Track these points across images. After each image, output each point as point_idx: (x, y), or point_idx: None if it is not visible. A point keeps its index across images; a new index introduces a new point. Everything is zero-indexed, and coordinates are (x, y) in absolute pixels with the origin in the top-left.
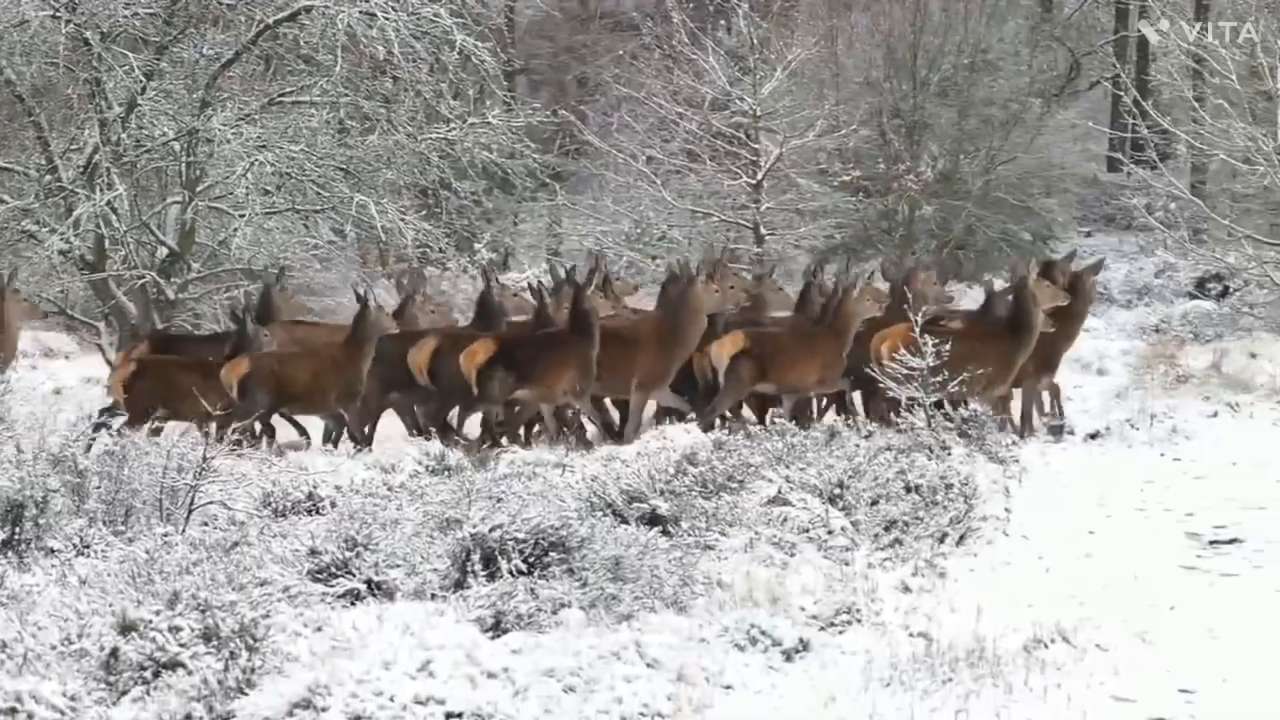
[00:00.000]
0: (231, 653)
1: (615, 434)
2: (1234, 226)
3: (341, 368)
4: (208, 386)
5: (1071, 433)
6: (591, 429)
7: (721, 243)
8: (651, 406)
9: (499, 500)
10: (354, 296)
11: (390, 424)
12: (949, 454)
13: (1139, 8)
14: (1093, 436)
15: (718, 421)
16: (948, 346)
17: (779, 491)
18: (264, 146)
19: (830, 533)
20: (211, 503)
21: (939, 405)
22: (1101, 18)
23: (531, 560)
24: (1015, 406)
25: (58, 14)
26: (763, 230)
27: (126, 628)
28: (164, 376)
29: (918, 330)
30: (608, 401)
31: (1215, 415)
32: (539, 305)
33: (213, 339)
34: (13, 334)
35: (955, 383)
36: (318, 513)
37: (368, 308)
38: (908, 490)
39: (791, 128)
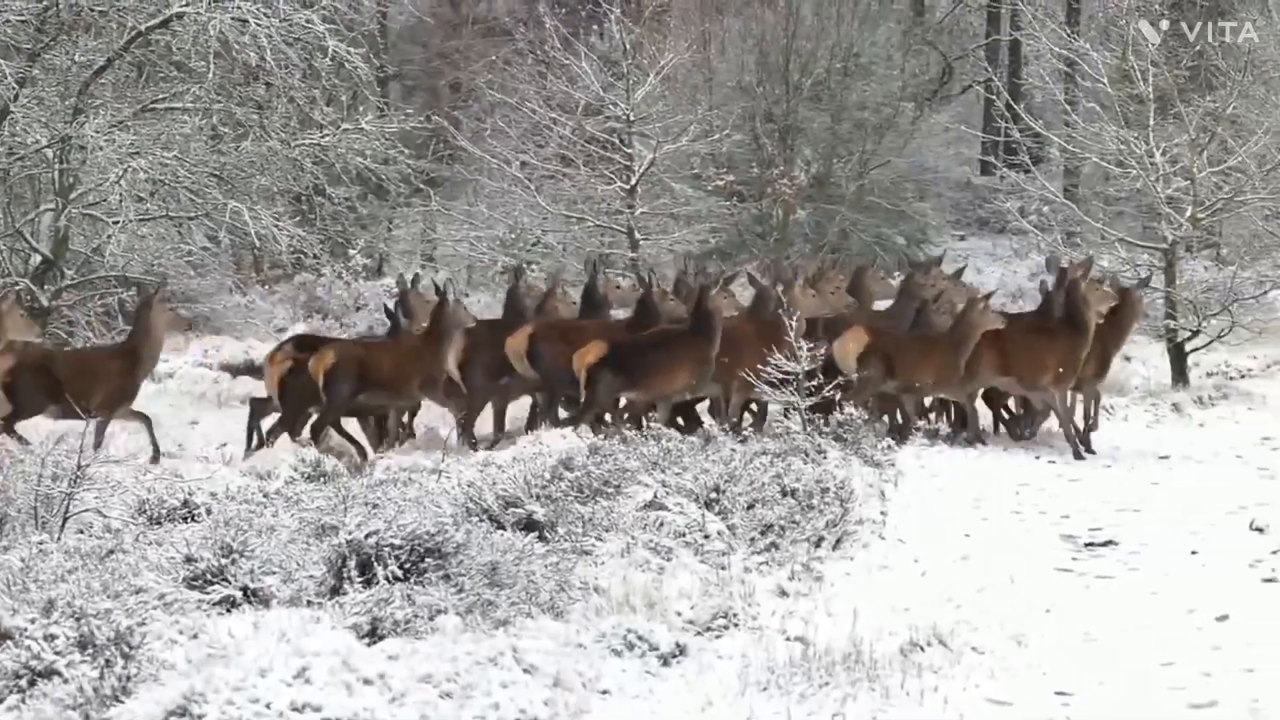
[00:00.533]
0: (107, 661)
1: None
2: (1107, 229)
3: (422, 358)
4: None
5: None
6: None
7: (825, 256)
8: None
9: (375, 506)
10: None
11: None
12: (825, 458)
13: (1009, 11)
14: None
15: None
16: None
17: (655, 496)
18: (137, 153)
19: (707, 537)
20: (87, 510)
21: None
22: (974, 22)
23: (408, 566)
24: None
25: None
26: (637, 235)
27: (1, 636)
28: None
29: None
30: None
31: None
32: (644, 300)
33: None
34: (156, 343)
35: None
36: (193, 520)
37: (446, 301)
38: (784, 494)
39: (665, 132)
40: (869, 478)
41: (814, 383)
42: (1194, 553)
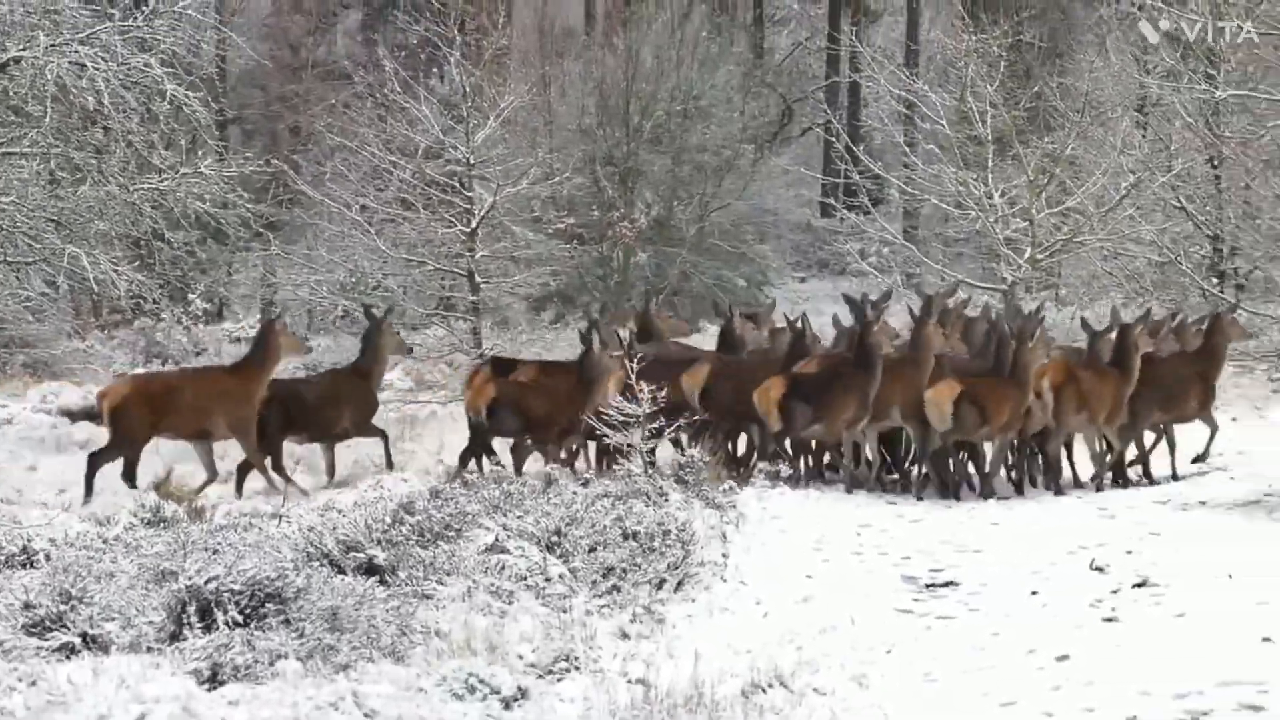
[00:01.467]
0: None
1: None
2: (946, 271)
3: (572, 403)
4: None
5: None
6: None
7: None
8: None
9: (215, 552)
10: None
11: None
12: (667, 500)
13: (848, 53)
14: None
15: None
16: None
17: (496, 539)
18: None
19: (548, 580)
20: None
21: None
22: (813, 64)
23: (248, 611)
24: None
25: None
26: (478, 278)
27: None
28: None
29: None
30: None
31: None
32: (795, 339)
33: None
34: (273, 365)
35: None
36: (32, 566)
37: (591, 349)
38: (625, 537)
39: (505, 175)
40: (711, 520)
41: (655, 425)
42: (1034, 593)
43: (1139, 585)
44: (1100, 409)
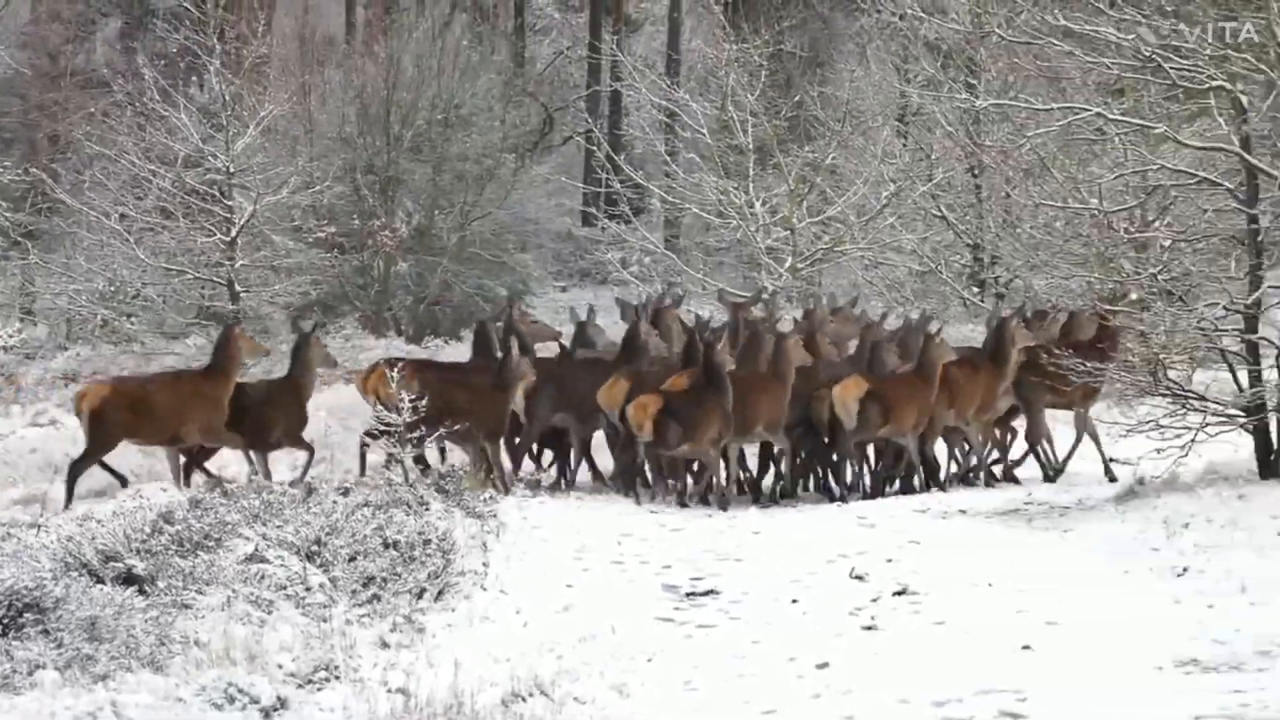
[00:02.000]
0: None
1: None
2: (708, 280)
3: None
4: None
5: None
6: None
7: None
8: None
9: None
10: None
11: None
12: (427, 509)
13: (609, 63)
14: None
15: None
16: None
17: (256, 549)
18: None
19: (308, 590)
20: None
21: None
22: (574, 73)
23: (5, 621)
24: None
25: None
26: (238, 287)
27: None
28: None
29: None
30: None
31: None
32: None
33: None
34: (236, 369)
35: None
36: None
37: (510, 354)
38: (386, 546)
39: (265, 184)
40: (471, 529)
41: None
42: (795, 601)
43: (899, 593)
44: (969, 404)
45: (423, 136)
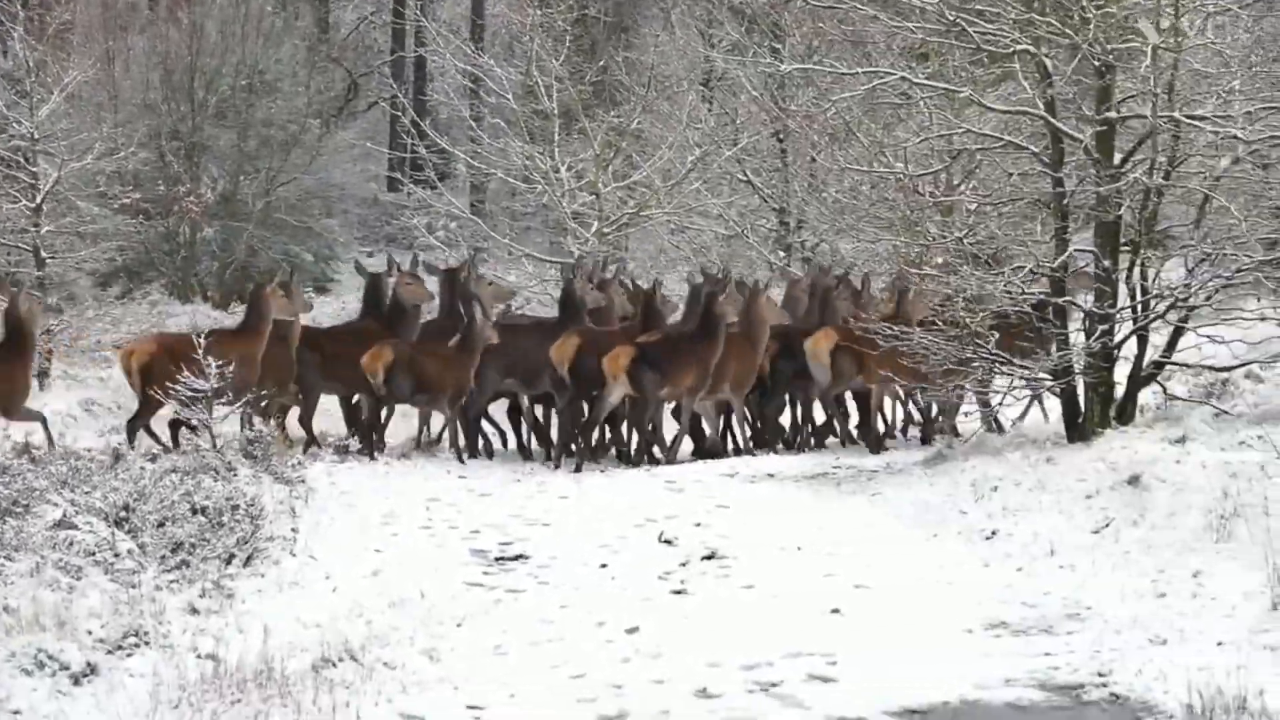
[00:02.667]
0: None
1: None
2: (514, 245)
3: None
4: None
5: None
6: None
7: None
8: None
9: None
10: None
11: None
12: (235, 475)
13: (414, 28)
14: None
15: None
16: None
17: (65, 515)
18: None
19: (117, 556)
20: None
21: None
22: (379, 39)
23: None
24: None
25: None
26: (43, 254)
27: None
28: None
29: None
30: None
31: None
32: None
33: None
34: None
35: None
36: None
37: (475, 319)
38: (194, 512)
39: (70, 150)
40: (280, 495)
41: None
42: (604, 565)
43: (707, 558)
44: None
45: (227, 102)
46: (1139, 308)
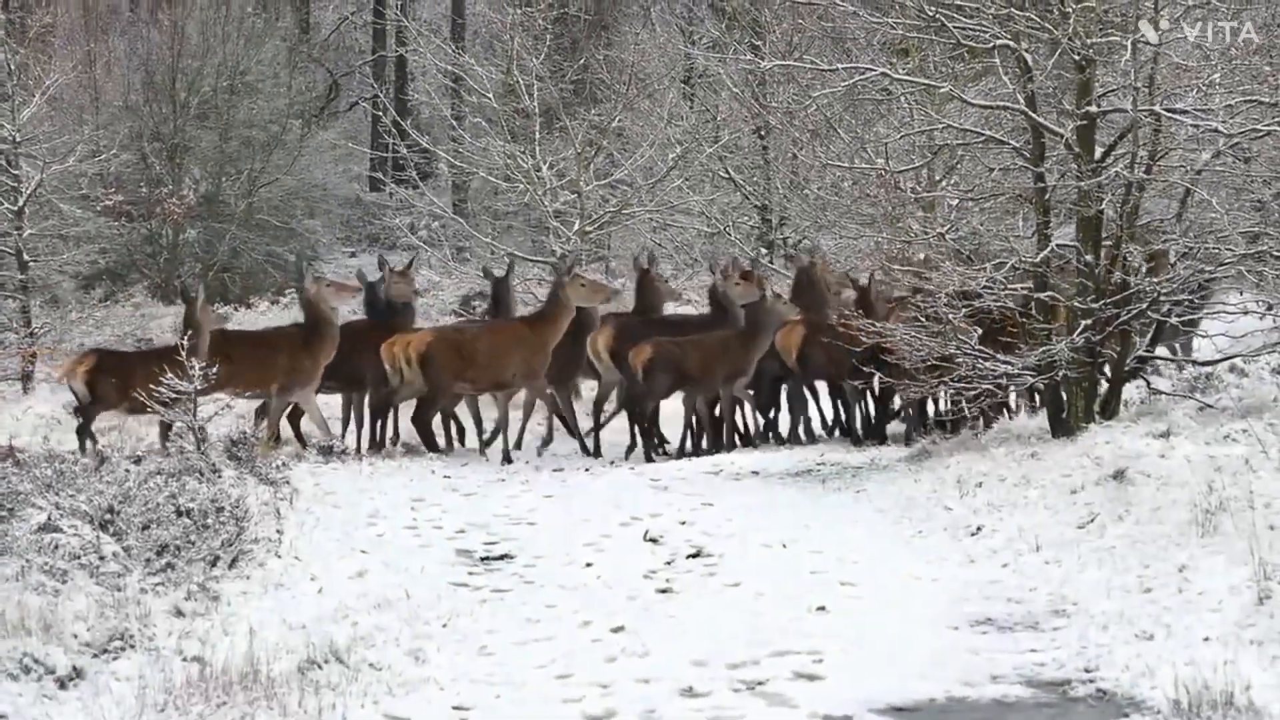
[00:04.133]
0: None
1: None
2: (496, 244)
3: (734, 355)
4: None
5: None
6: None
7: None
8: None
9: None
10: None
11: None
12: (220, 477)
13: (395, 28)
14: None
15: None
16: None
17: (50, 518)
18: None
19: (102, 559)
20: None
21: None
22: (359, 38)
23: None
24: None
25: None
26: (25, 256)
27: None
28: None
29: None
30: None
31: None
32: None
33: None
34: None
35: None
36: None
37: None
38: (179, 514)
39: (52, 153)
40: (264, 496)
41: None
42: (589, 564)
43: (693, 556)
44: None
45: (209, 104)
46: (1121, 302)
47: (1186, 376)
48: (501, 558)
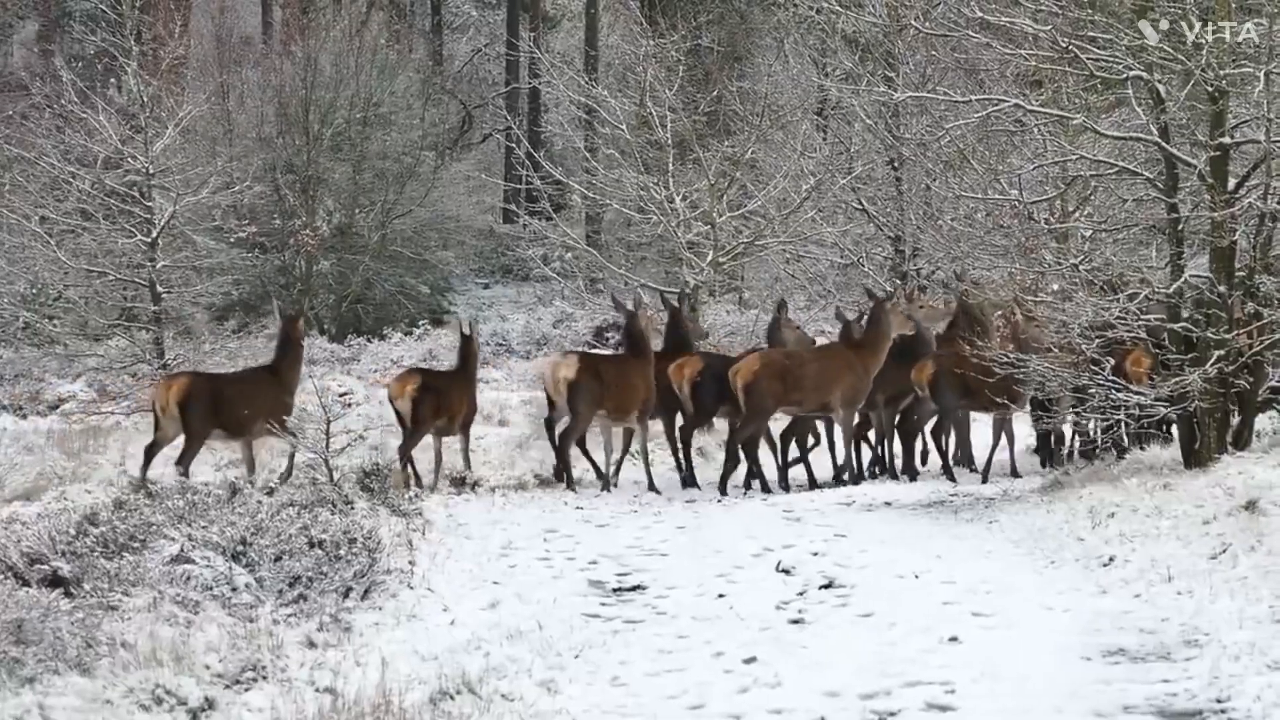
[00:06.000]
0: None
1: None
2: (629, 275)
3: (855, 373)
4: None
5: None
6: None
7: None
8: None
9: None
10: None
11: None
12: (352, 508)
13: (528, 59)
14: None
15: None
16: None
17: (182, 550)
18: None
19: (234, 590)
20: None
21: None
22: (492, 70)
23: None
24: None
25: None
26: (159, 288)
27: None
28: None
29: None
30: None
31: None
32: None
33: None
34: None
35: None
36: None
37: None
38: (311, 545)
39: (185, 185)
40: (397, 527)
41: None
42: (721, 595)
43: (825, 586)
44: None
45: (342, 135)
46: (1254, 333)
47: None
48: (634, 588)
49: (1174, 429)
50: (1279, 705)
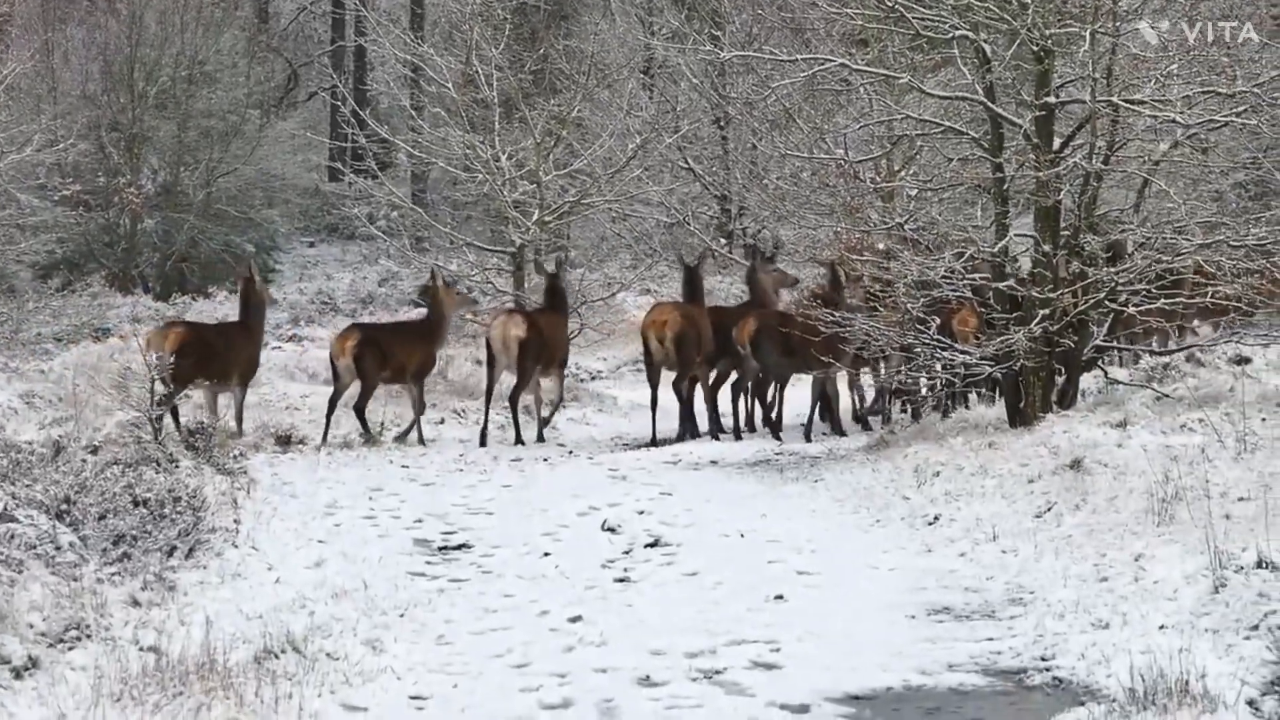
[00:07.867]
0: None
1: None
2: (455, 234)
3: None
4: None
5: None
6: None
7: None
8: None
9: None
10: None
11: None
12: (177, 467)
13: (354, 17)
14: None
15: None
16: None
17: (4, 508)
18: None
19: (58, 549)
20: None
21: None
22: (318, 28)
23: None
24: None
25: None
26: None
27: None
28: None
29: None
30: None
31: (442, 421)
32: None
33: None
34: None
35: None
36: None
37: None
38: (136, 504)
39: (9, 142)
40: (222, 486)
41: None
42: (547, 554)
43: (651, 545)
44: None
45: (167, 93)
46: (1079, 293)
47: (1143, 366)
48: (459, 547)
49: (999, 388)
50: (1102, 663)
